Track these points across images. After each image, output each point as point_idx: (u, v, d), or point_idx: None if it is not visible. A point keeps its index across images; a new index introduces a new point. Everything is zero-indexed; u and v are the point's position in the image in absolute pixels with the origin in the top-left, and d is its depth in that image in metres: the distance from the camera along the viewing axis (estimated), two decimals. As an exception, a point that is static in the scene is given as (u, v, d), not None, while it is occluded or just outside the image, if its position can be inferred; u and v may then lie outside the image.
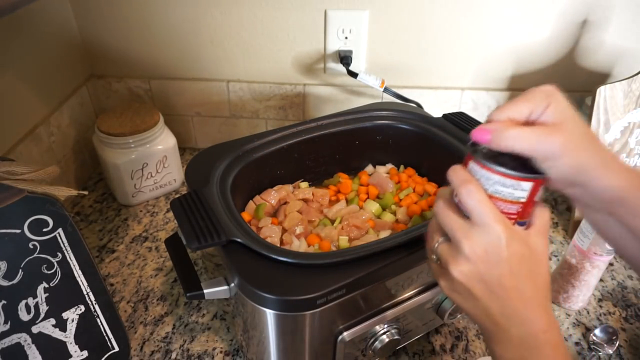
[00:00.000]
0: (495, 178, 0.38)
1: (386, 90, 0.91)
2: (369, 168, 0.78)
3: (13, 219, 0.51)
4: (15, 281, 0.52)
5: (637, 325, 0.70)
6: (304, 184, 0.74)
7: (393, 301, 0.56)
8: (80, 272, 0.56)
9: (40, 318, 0.55)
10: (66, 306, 0.56)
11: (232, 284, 0.53)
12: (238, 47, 0.93)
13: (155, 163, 0.87)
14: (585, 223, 0.66)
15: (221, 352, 0.65)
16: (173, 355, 0.64)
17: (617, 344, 0.65)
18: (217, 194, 0.58)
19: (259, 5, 0.88)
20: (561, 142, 0.36)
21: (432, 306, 0.60)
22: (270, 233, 0.62)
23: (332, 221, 0.68)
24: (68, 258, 0.55)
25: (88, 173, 0.98)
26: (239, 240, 0.51)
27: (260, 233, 0.63)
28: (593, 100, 0.79)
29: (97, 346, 0.59)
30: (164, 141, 0.88)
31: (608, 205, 0.39)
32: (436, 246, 0.43)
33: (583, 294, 0.70)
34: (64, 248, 0.55)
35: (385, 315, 0.55)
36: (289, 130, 0.70)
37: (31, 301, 0.54)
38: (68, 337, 0.57)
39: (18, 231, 0.51)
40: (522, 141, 0.37)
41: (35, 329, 0.54)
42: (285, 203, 0.69)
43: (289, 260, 0.49)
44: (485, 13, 0.87)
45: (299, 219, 0.66)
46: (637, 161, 0.84)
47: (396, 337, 0.56)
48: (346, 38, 0.90)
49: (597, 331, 0.67)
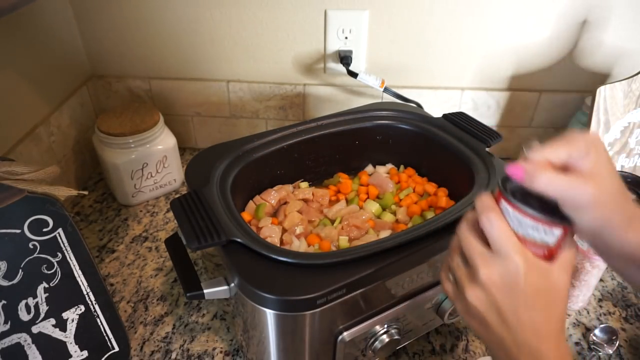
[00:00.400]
0: (527, 222, 0.38)
1: (386, 90, 0.91)
2: (369, 168, 0.78)
3: (13, 219, 0.51)
4: (15, 281, 0.52)
5: (637, 325, 0.70)
6: (304, 184, 0.74)
7: (393, 301, 0.56)
8: (80, 272, 0.56)
9: (40, 318, 0.55)
10: (66, 306, 0.56)
11: (232, 284, 0.53)
12: (238, 47, 0.93)
13: (155, 163, 0.87)
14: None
15: (221, 352, 0.65)
16: (173, 355, 0.64)
17: (617, 344, 0.65)
18: (217, 194, 0.58)
19: (259, 5, 0.88)
20: (592, 195, 0.36)
21: (432, 306, 0.60)
22: (270, 233, 0.62)
23: (332, 221, 0.68)
24: (68, 258, 0.55)
25: (88, 173, 0.98)
26: (239, 240, 0.51)
27: (260, 233, 0.63)
28: (593, 100, 0.79)
29: (97, 346, 0.59)
30: (164, 141, 0.88)
31: (629, 258, 0.39)
32: (455, 267, 0.43)
33: (583, 294, 0.70)
34: (64, 248, 0.55)
35: (385, 315, 0.55)
36: (289, 130, 0.70)
37: (31, 301, 0.54)
38: (68, 337, 0.57)
39: (18, 231, 0.51)
40: (554, 186, 0.37)
41: (35, 329, 0.54)
42: (285, 203, 0.69)
43: (289, 260, 0.49)
44: (485, 13, 0.87)
45: (299, 219, 0.66)
46: (637, 161, 0.84)
47: (396, 337, 0.56)
48: (346, 38, 0.90)
49: (597, 331, 0.67)
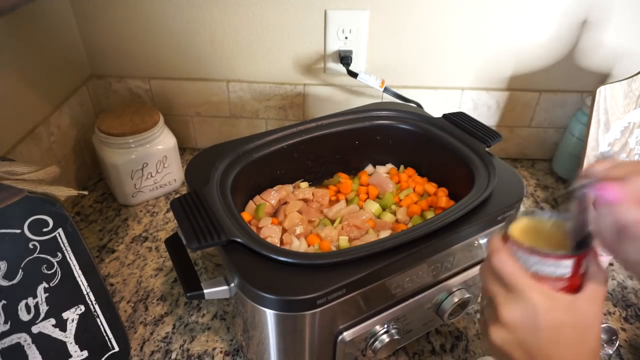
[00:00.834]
0: (532, 259, 0.38)
1: (386, 90, 0.91)
2: (369, 168, 0.78)
3: (13, 219, 0.51)
4: (15, 281, 0.52)
5: (637, 325, 0.70)
6: (304, 184, 0.74)
7: (393, 301, 0.56)
8: (80, 272, 0.56)
9: (40, 318, 0.55)
10: (66, 306, 0.56)
11: (232, 284, 0.53)
12: (238, 47, 0.93)
13: (155, 163, 0.87)
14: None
15: (221, 352, 0.65)
16: (173, 355, 0.64)
17: (617, 344, 0.65)
18: (217, 194, 0.58)
19: (259, 5, 0.88)
20: None
21: (432, 306, 0.60)
22: (270, 233, 0.62)
23: (332, 221, 0.68)
24: (68, 258, 0.55)
25: (88, 173, 0.98)
26: (239, 240, 0.51)
27: (260, 233, 0.63)
28: (593, 100, 0.79)
29: (97, 346, 0.59)
30: (164, 141, 0.88)
31: None
32: (484, 304, 0.43)
33: (583, 294, 0.70)
34: (64, 248, 0.55)
35: (385, 315, 0.55)
36: (289, 130, 0.70)
37: (31, 301, 0.54)
38: (68, 337, 0.57)
39: (18, 231, 0.51)
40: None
41: (35, 329, 0.54)
42: (285, 203, 0.69)
43: (289, 260, 0.49)
44: (485, 13, 0.87)
45: (299, 219, 0.66)
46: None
47: (396, 337, 0.56)
48: (346, 38, 0.90)
49: (597, 331, 0.67)
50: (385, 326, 0.56)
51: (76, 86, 0.93)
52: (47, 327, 0.55)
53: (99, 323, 0.59)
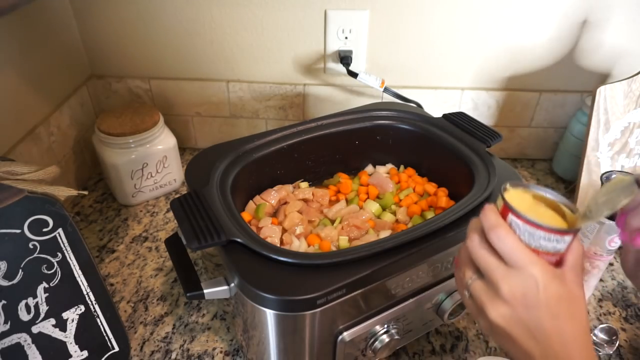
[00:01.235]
0: (540, 234, 0.39)
1: (386, 90, 0.91)
2: (369, 168, 0.78)
3: (13, 219, 0.51)
4: (15, 281, 0.52)
5: (637, 325, 0.70)
6: (304, 184, 0.74)
7: (393, 301, 0.56)
8: (80, 272, 0.56)
9: (40, 318, 0.55)
10: (66, 306, 0.56)
11: (232, 284, 0.53)
12: (238, 47, 0.93)
13: (155, 163, 0.87)
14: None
15: (221, 352, 0.65)
16: (173, 355, 0.64)
17: (617, 344, 0.65)
18: (217, 194, 0.58)
19: (259, 5, 0.88)
20: None
21: (432, 306, 0.60)
22: (270, 233, 0.62)
23: (332, 221, 0.68)
24: (68, 258, 0.55)
25: (88, 173, 0.98)
26: (239, 240, 0.51)
27: (260, 233, 0.63)
28: (593, 100, 0.79)
29: (97, 346, 0.59)
30: (164, 141, 0.88)
31: None
32: (469, 283, 0.42)
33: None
34: (64, 248, 0.55)
35: (385, 315, 0.55)
36: (289, 130, 0.70)
37: (31, 301, 0.54)
38: (68, 337, 0.57)
39: (18, 231, 0.51)
40: None
41: (35, 329, 0.54)
42: (285, 203, 0.69)
43: (289, 260, 0.49)
44: (485, 13, 0.87)
45: (299, 219, 0.66)
46: (637, 161, 0.84)
47: (396, 337, 0.56)
48: (346, 38, 0.90)
49: (597, 331, 0.67)
50: (385, 326, 0.56)
51: (76, 86, 0.93)
52: (47, 327, 0.55)
53: (99, 323, 0.59)
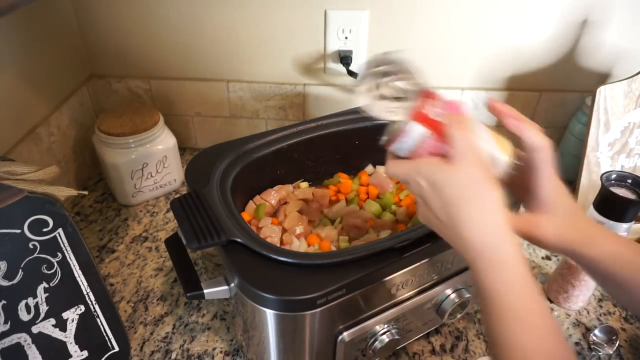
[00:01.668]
0: (397, 145, 0.46)
1: (386, 90, 0.90)
2: (369, 168, 0.78)
3: (13, 219, 0.51)
4: (15, 281, 0.52)
5: (637, 325, 0.70)
6: (304, 184, 0.74)
7: (393, 301, 0.56)
8: (80, 272, 0.56)
9: (40, 318, 0.55)
10: (66, 306, 0.56)
11: (232, 284, 0.53)
12: (238, 47, 0.93)
13: (155, 163, 0.87)
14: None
15: (221, 352, 0.65)
16: (173, 355, 0.64)
17: (617, 344, 0.65)
18: (217, 194, 0.58)
19: (259, 5, 0.88)
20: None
21: (432, 306, 0.60)
22: (270, 233, 0.62)
23: (332, 221, 0.68)
24: (68, 258, 0.55)
25: (88, 173, 0.98)
26: (239, 240, 0.51)
27: (260, 233, 0.63)
28: (593, 100, 0.79)
29: (97, 346, 0.59)
30: (164, 141, 0.88)
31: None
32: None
33: (583, 294, 0.70)
34: (64, 248, 0.55)
35: (385, 315, 0.55)
36: (289, 130, 0.70)
37: (31, 301, 0.54)
38: (68, 337, 0.57)
39: (18, 231, 0.51)
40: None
41: (35, 329, 0.54)
42: (285, 203, 0.69)
43: (289, 260, 0.49)
44: (485, 13, 0.87)
45: (299, 219, 0.66)
46: (637, 161, 0.84)
47: (396, 337, 0.56)
48: (346, 38, 0.90)
49: (597, 331, 0.67)
50: (385, 326, 0.56)
51: (76, 86, 0.93)
52: (47, 327, 0.55)
53: (99, 323, 0.59)
